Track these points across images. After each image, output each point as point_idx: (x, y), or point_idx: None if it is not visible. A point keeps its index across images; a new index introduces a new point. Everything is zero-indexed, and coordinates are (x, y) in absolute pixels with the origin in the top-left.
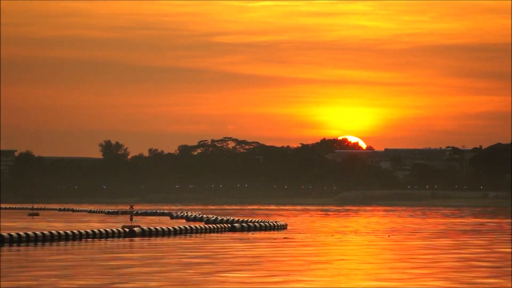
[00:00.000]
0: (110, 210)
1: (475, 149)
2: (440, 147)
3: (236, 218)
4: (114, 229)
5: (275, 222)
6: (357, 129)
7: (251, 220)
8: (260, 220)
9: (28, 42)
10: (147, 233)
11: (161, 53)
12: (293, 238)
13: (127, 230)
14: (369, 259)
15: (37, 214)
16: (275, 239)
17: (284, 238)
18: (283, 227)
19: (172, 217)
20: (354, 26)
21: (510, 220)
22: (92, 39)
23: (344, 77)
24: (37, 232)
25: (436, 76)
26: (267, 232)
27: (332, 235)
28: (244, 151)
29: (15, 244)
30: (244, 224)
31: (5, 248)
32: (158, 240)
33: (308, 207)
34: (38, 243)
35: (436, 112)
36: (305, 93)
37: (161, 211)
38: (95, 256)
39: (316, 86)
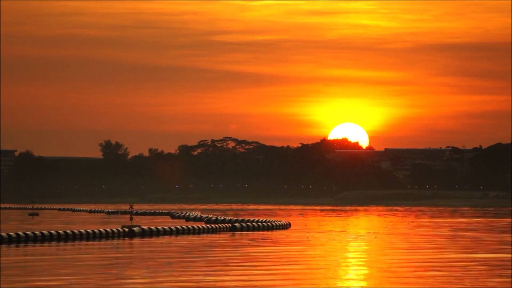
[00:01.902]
0: (110, 210)
1: (475, 149)
2: (440, 147)
3: (241, 218)
4: (113, 229)
5: (278, 221)
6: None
7: (252, 220)
8: (261, 220)
9: (28, 41)
10: (147, 233)
11: (161, 52)
12: (263, 240)
13: (126, 230)
14: (342, 258)
15: (37, 214)
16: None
17: (249, 240)
18: (285, 227)
19: (173, 217)
20: (356, 25)
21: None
22: (92, 38)
23: (345, 76)
24: (37, 232)
25: (436, 75)
26: (269, 232)
27: (308, 238)
28: (244, 151)
29: (14, 244)
30: (244, 224)
31: (4, 248)
32: (160, 240)
33: (308, 207)
34: (37, 243)
35: (436, 111)
36: (305, 92)
37: (161, 211)
38: (94, 256)
39: (317, 85)
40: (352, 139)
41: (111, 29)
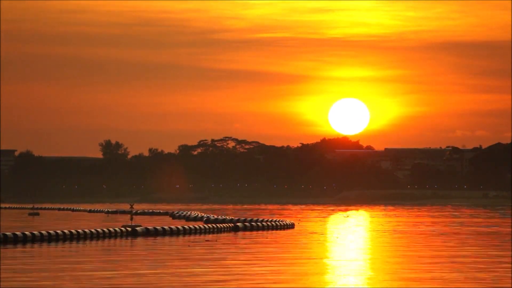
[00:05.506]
0: (109, 210)
1: (475, 149)
2: (440, 147)
3: (243, 218)
4: (116, 229)
5: (281, 221)
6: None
7: (256, 220)
8: (264, 219)
9: (28, 39)
10: (152, 233)
11: (163, 50)
12: (216, 241)
13: (129, 229)
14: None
15: (37, 214)
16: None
17: (206, 240)
18: (289, 226)
19: (174, 217)
20: (358, 23)
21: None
22: (93, 36)
23: (347, 75)
24: (38, 232)
25: (438, 74)
26: (273, 232)
27: (267, 238)
28: (244, 151)
29: (16, 244)
30: (247, 224)
31: (7, 248)
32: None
33: (307, 207)
34: (38, 243)
35: (438, 110)
36: (306, 91)
37: (160, 211)
38: (97, 255)
39: (318, 84)
40: (353, 114)
41: (111, 27)
